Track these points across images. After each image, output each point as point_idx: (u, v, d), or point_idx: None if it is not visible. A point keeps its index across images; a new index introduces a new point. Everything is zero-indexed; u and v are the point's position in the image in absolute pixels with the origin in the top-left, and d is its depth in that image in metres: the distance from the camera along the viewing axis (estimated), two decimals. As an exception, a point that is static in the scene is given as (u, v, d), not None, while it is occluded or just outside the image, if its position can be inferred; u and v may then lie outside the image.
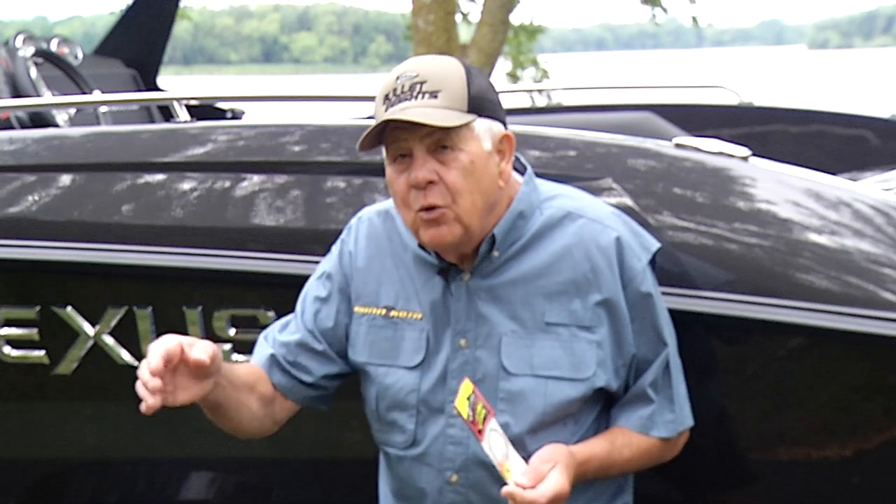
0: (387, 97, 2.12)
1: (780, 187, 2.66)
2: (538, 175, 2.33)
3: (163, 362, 1.99)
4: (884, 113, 5.91)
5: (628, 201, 2.54)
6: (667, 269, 2.44)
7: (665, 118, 4.90)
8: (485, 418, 2.04)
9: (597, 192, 2.55)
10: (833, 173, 3.01)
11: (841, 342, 2.46)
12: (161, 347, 2.00)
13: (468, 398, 2.05)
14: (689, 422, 2.29)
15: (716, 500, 2.67)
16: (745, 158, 2.71)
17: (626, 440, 2.23)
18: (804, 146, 5.01)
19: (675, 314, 2.37)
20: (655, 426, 2.24)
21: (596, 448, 2.19)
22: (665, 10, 15.65)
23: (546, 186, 2.29)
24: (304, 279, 2.58)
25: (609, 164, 2.63)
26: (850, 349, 2.47)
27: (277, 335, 2.35)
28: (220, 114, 5.21)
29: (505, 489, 2.02)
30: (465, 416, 2.04)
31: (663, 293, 2.37)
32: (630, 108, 5.11)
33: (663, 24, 16.72)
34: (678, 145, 2.71)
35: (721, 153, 2.69)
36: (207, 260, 2.71)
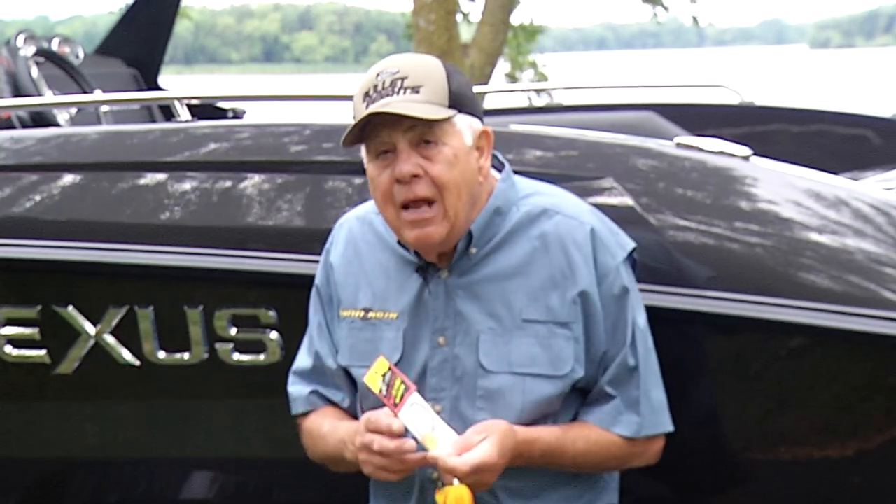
0: (367, 94, 2.13)
1: (781, 187, 2.66)
2: (539, 175, 2.33)
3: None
4: (885, 112, 5.92)
5: (629, 201, 2.54)
6: (668, 269, 2.44)
7: (666, 117, 4.91)
8: (403, 394, 2.07)
9: (598, 191, 2.56)
10: (834, 173, 3.01)
11: (842, 342, 2.45)
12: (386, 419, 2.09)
13: (382, 375, 2.09)
14: (662, 427, 2.26)
15: (717, 500, 2.67)
16: (746, 158, 2.71)
17: (582, 432, 2.22)
18: (805, 145, 5.01)
19: (676, 314, 2.37)
20: (617, 423, 2.22)
21: (545, 432, 2.18)
22: (666, 8, 15.63)
23: (524, 183, 2.30)
24: (304, 278, 2.58)
25: (610, 164, 2.63)
26: (852, 349, 2.47)
27: (301, 374, 2.37)
28: (221, 113, 5.21)
29: (430, 454, 2.05)
30: (375, 391, 2.09)
31: (664, 293, 2.37)
32: (631, 107, 5.11)
33: (664, 23, 16.71)
34: (679, 145, 2.71)
35: (722, 153, 2.69)
36: (208, 259, 2.71)
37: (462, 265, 2.22)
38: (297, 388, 2.39)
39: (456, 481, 2.06)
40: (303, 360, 2.39)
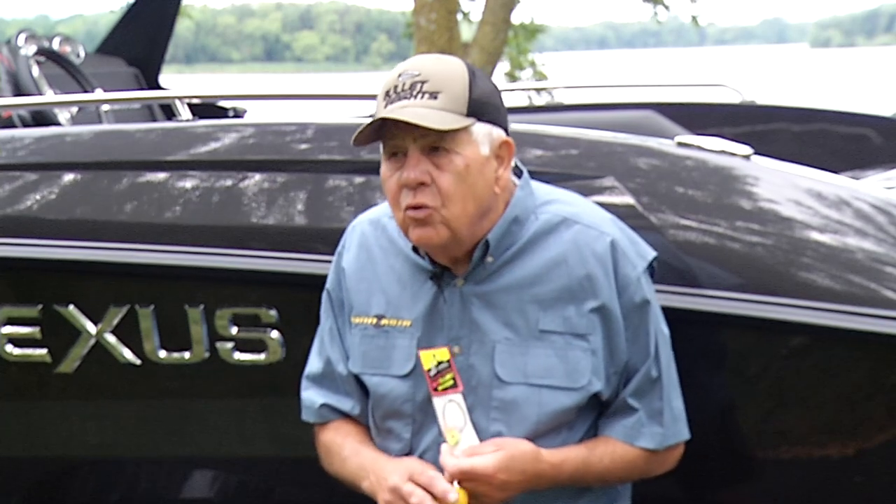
0: (388, 93, 2.12)
1: (782, 186, 2.66)
2: (539, 174, 2.32)
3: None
4: (886, 111, 5.91)
5: (630, 200, 2.54)
6: (669, 269, 2.44)
7: (667, 117, 4.90)
8: (448, 388, 2.14)
9: (599, 190, 2.55)
10: (835, 172, 3.00)
11: (843, 341, 2.45)
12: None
13: (439, 362, 2.14)
14: (682, 436, 2.27)
15: (718, 499, 2.67)
16: (747, 157, 2.71)
17: (608, 449, 2.21)
18: (806, 145, 5.01)
19: (677, 313, 2.37)
20: (641, 437, 2.22)
21: (572, 453, 2.18)
22: (667, 7, 15.65)
23: (542, 190, 2.27)
24: (306, 278, 2.58)
25: (611, 163, 2.63)
26: (853, 348, 2.47)
27: (313, 379, 2.37)
28: (222, 112, 5.21)
29: (442, 446, 2.12)
30: (425, 368, 2.14)
31: (665, 292, 2.37)
32: (632, 106, 5.11)
33: (665, 22, 16.72)
34: (680, 144, 2.71)
35: (723, 152, 2.69)
36: (209, 258, 2.71)
37: (478, 274, 2.20)
38: (308, 396, 2.38)
39: (457, 484, 2.10)
40: (314, 364, 2.38)
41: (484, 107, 2.13)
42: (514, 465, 2.10)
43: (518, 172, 2.27)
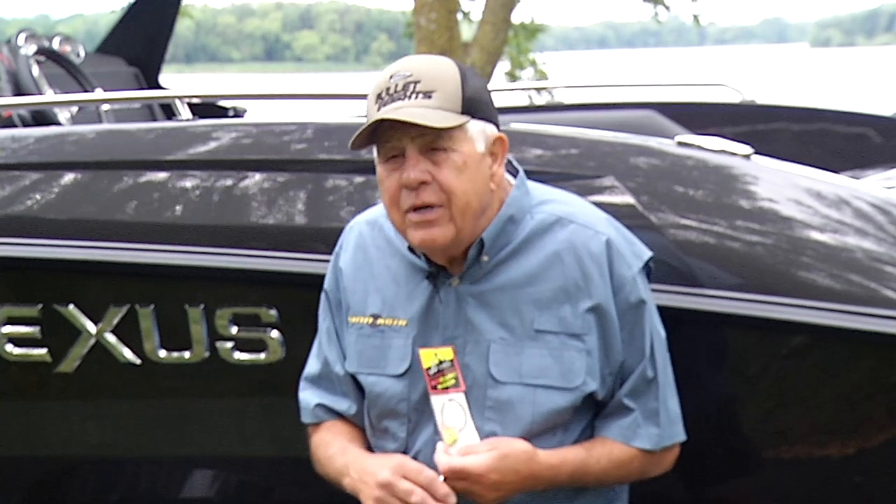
0: (379, 96, 2.11)
1: (782, 185, 2.66)
2: (539, 174, 2.32)
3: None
4: (886, 111, 5.91)
5: (630, 199, 2.54)
6: (669, 268, 2.44)
7: (667, 116, 4.90)
8: (449, 387, 2.13)
9: (599, 190, 2.55)
10: (835, 171, 3.01)
11: (843, 340, 2.45)
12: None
13: (440, 360, 2.14)
14: (678, 437, 2.26)
15: (718, 498, 2.67)
16: (747, 156, 2.71)
17: (604, 450, 2.20)
18: (806, 144, 5.01)
19: (677, 313, 2.37)
20: (637, 437, 2.21)
21: (570, 454, 2.17)
22: (667, 7, 15.63)
23: (539, 190, 2.27)
24: (305, 277, 2.58)
25: (611, 163, 2.63)
26: (853, 347, 2.47)
27: (311, 380, 2.37)
28: (222, 112, 5.21)
29: (438, 443, 2.12)
30: (424, 366, 2.14)
31: (666, 292, 2.37)
32: (632, 106, 5.11)
33: (666, 22, 16.70)
34: (680, 143, 2.71)
35: (723, 151, 2.69)
36: (209, 258, 2.71)
37: (473, 273, 2.19)
38: (304, 397, 2.38)
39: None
40: (312, 365, 2.38)
41: (477, 104, 2.13)
42: (507, 464, 2.09)
43: (514, 172, 2.27)
